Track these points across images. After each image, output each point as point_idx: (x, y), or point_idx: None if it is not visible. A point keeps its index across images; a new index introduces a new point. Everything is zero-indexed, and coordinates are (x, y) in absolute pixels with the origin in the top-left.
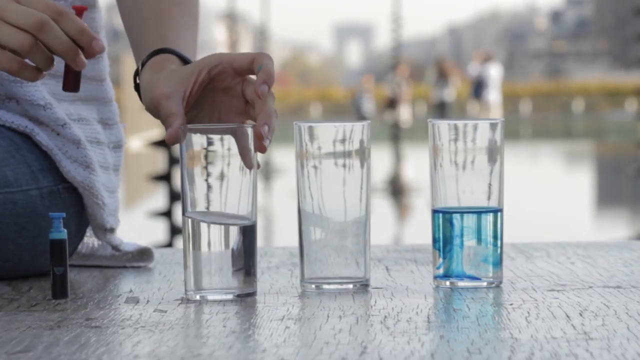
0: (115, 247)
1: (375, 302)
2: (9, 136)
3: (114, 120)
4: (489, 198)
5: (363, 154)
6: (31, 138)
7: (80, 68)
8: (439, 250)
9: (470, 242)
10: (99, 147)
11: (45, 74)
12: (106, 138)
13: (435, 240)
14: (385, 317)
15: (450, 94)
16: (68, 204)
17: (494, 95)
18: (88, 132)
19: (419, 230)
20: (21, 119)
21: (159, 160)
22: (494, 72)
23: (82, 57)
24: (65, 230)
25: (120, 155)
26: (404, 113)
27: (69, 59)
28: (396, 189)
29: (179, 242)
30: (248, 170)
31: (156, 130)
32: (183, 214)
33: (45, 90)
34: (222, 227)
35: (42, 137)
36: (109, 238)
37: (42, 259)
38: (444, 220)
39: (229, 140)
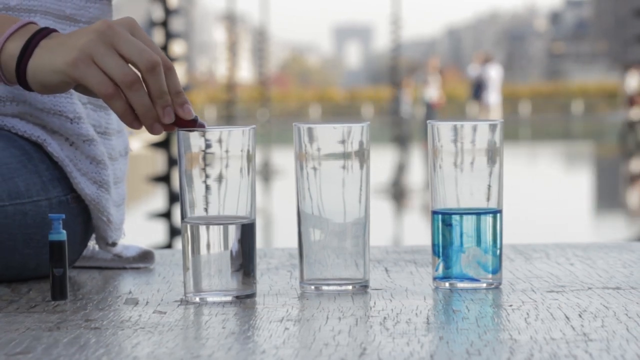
0: (116, 255)
1: (375, 303)
2: (22, 145)
3: (122, 126)
4: (488, 199)
5: (363, 155)
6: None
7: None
8: (438, 251)
9: (469, 243)
10: (112, 162)
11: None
12: (119, 145)
13: (434, 242)
14: (385, 318)
15: (432, 95)
16: (76, 214)
17: (493, 96)
18: (108, 147)
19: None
20: (34, 129)
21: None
22: (494, 74)
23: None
24: (65, 232)
25: (126, 162)
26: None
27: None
28: None
29: (178, 244)
30: (247, 172)
31: None
32: (182, 218)
33: (79, 103)
34: (222, 229)
35: (54, 147)
36: (109, 249)
37: (46, 267)
38: (443, 221)
39: (227, 141)
